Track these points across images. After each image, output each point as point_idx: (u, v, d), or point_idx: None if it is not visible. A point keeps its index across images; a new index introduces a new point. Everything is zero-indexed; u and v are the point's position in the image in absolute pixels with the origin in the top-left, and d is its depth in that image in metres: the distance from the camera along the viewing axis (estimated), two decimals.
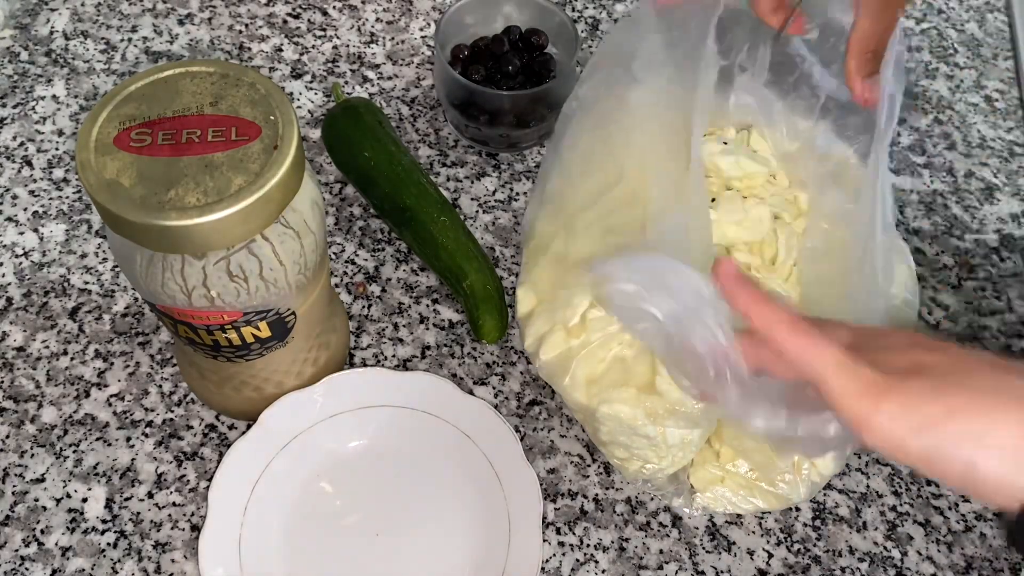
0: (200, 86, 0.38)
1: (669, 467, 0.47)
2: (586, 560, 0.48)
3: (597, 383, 0.46)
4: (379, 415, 0.50)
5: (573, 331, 0.47)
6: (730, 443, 0.47)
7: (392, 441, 0.50)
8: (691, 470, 0.49)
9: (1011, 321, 0.59)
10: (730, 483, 0.48)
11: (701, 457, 0.48)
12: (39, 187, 0.59)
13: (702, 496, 0.48)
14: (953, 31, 0.76)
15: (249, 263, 0.38)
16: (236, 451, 0.47)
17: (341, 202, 0.60)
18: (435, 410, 0.50)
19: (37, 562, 0.46)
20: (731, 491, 0.48)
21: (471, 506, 0.49)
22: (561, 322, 0.48)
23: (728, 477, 0.48)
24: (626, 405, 0.45)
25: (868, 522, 0.51)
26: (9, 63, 0.65)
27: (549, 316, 0.49)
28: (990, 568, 0.50)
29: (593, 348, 0.47)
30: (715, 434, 0.48)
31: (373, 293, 0.57)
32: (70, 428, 0.50)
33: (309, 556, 0.47)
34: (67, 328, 0.54)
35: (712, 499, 0.48)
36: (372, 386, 0.50)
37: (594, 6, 0.73)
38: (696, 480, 0.48)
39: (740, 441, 0.46)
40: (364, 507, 0.49)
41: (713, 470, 0.48)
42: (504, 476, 0.48)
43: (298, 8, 0.70)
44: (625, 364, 0.46)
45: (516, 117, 0.60)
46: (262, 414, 0.48)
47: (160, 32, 0.68)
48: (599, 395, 0.46)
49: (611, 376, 0.46)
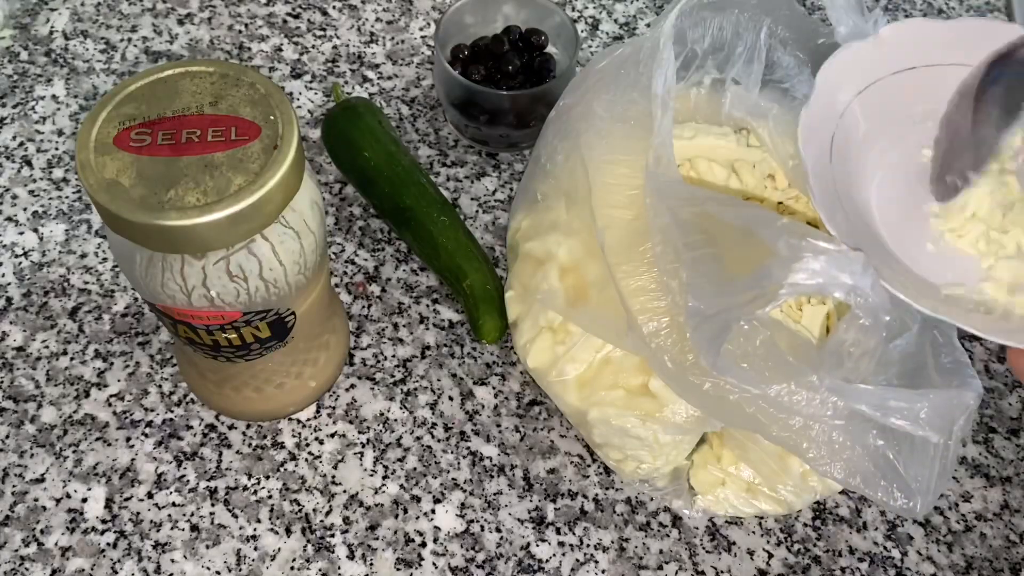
0: (200, 86, 0.38)
1: (664, 465, 0.47)
2: (586, 560, 0.48)
3: (588, 386, 0.46)
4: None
5: (559, 333, 0.47)
6: (733, 448, 0.47)
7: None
8: (692, 472, 0.49)
9: None
10: (732, 486, 0.48)
11: (702, 459, 0.48)
12: (39, 187, 0.59)
13: (703, 498, 0.48)
14: None
15: (249, 263, 0.38)
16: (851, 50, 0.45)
17: (341, 202, 0.60)
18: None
19: (37, 562, 0.46)
20: (733, 494, 0.48)
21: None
22: (546, 326, 0.48)
23: (730, 480, 0.48)
24: (615, 408, 0.45)
25: (868, 522, 0.51)
26: (9, 63, 0.65)
27: (533, 321, 0.49)
28: (990, 568, 0.50)
29: (576, 350, 0.46)
30: (717, 437, 0.48)
31: (373, 293, 0.57)
32: (70, 428, 0.50)
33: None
34: (67, 328, 0.54)
35: (714, 501, 0.48)
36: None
37: (594, 6, 0.73)
38: (697, 482, 0.48)
39: (744, 449, 0.46)
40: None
41: (715, 472, 0.48)
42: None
43: (298, 8, 0.70)
44: (614, 366, 0.46)
45: (516, 117, 0.60)
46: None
47: (160, 32, 0.68)
48: (589, 398, 0.46)
49: (601, 379, 0.46)
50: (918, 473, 0.40)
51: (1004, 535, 0.51)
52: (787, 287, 0.35)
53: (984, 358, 0.58)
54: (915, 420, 0.37)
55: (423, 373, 0.54)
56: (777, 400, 0.39)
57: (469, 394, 0.53)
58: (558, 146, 0.49)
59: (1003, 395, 0.56)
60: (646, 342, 0.41)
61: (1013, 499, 0.53)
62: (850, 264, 0.35)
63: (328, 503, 0.49)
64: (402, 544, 0.48)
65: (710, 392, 0.40)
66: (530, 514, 0.50)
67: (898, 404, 0.37)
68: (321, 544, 0.48)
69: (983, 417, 0.55)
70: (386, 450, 0.51)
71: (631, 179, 0.44)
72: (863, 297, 0.35)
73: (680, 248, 0.39)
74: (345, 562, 0.48)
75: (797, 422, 0.40)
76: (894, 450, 0.40)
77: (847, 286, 0.35)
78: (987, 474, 0.53)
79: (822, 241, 0.35)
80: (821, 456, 0.40)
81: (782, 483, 0.46)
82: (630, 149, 0.44)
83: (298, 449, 0.51)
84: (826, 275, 0.35)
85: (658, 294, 0.41)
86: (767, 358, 0.39)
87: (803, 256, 0.35)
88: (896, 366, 0.40)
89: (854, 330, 0.37)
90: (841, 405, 0.38)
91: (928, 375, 0.42)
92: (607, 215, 0.44)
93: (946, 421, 0.37)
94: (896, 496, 0.40)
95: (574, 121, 0.48)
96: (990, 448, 0.54)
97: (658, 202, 0.40)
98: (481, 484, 0.50)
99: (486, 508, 0.50)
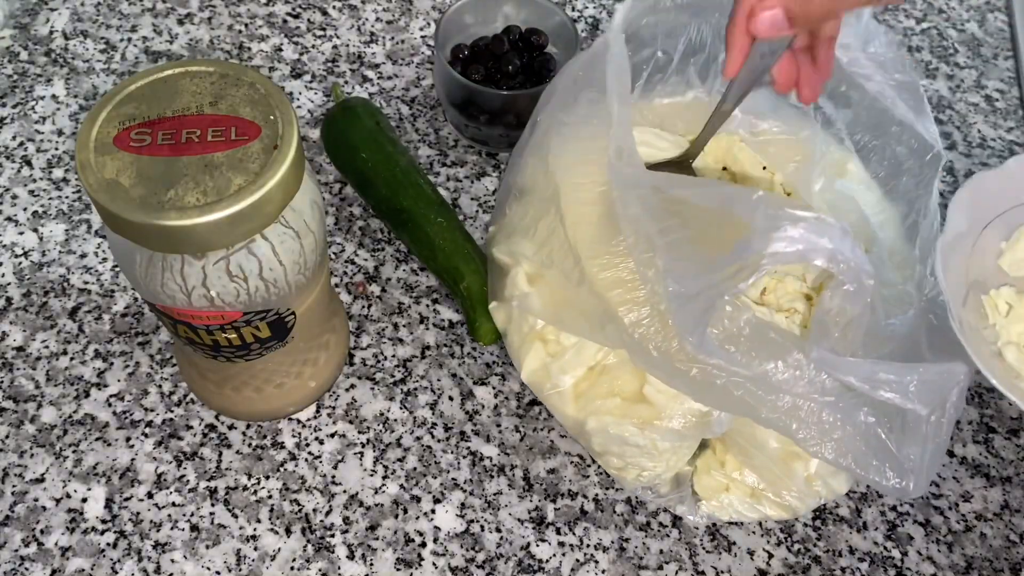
0: (200, 86, 0.38)
1: (666, 472, 0.47)
2: (586, 560, 0.48)
3: (584, 396, 0.46)
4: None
5: (550, 343, 0.47)
6: (736, 454, 0.47)
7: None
8: (695, 477, 0.48)
9: None
10: (736, 491, 0.48)
11: (705, 464, 0.48)
12: (39, 187, 0.59)
13: (707, 504, 0.48)
14: (953, 31, 0.76)
15: (249, 263, 0.38)
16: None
17: (341, 202, 0.60)
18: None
19: (37, 562, 0.46)
20: (737, 499, 0.47)
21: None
22: (529, 331, 0.48)
23: (734, 485, 0.47)
24: (612, 416, 0.45)
25: (868, 522, 0.51)
26: (9, 63, 0.65)
27: (517, 328, 0.48)
28: (990, 568, 0.50)
29: (569, 360, 0.46)
30: (720, 442, 0.48)
31: (373, 293, 0.57)
32: (70, 428, 0.50)
33: None
34: (67, 328, 0.53)
35: (718, 507, 0.48)
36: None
37: (594, 6, 0.73)
38: (701, 488, 0.48)
39: (748, 454, 0.46)
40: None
41: (718, 477, 0.48)
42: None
43: (298, 8, 0.70)
44: (610, 374, 0.46)
45: (516, 117, 0.60)
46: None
47: (160, 32, 0.68)
48: (586, 408, 0.46)
49: (597, 388, 0.46)
50: (911, 452, 0.40)
51: (1004, 535, 0.51)
52: (768, 256, 0.35)
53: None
54: (904, 393, 0.37)
55: (423, 373, 0.54)
56: (764, 380, 0.38)
57: (469, 394, 0.53)
58: (528, 159, 0.49)
59: (1003, 395, 0.56)
60: (628, 332, 0.41)
61: (1013, 499, 0.53)
62: (829, 229, 0.35)
63: (328, 503, 0.49)
64: (402, 544, 0.48)
65: (697, 378, 0.40)
66: (530, 514, 0.50)
67: (887, 377, 0.36)
68: (321, 544, 0.48)
69: (983, 417, 0.55)
70: (386, 450, 0.51)
71: (598, 176, 0.44)
72: (844, 262, 0.35)
73: (654, 235, 0.39)
74: (345, 562, 0.48)
75: (786, 402, 0.39)
76: (886, 429, 0.40)
77: (828, 251, 0.35)
78: (987, 474, 0.53)
79: (799, 210, 0.35)
80: (811, 436, 0.40)
81: (787, 488, 0.46)
82: (595, 148, 0.44)
83: (298, 449, 0.51)
84: (806, 241, 0.35)
85: (636, 284, 0.41)
86: (753, 338, 0.38)
87: (781, 224, 0.35)
88: (889, 345, 0.40)
89: (839, 297, 0.36)
90: (830, 382, 0.38)
91: (922, 355, 0.42)
92: (576, 212, 0.44)
93: (936, 395, 0.37)
94: (889, 476, 0.40)
95: (540, 135, 0.48)
96: (990, 448, 0.54)
97: (626, 193, 0.40)
98: (481, 484, 0.50)
99: (486, 508, 0.50)
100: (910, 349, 0.41)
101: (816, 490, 0.46)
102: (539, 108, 0.50)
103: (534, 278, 0.47)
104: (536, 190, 0.48)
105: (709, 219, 0.38)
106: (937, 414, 0.40)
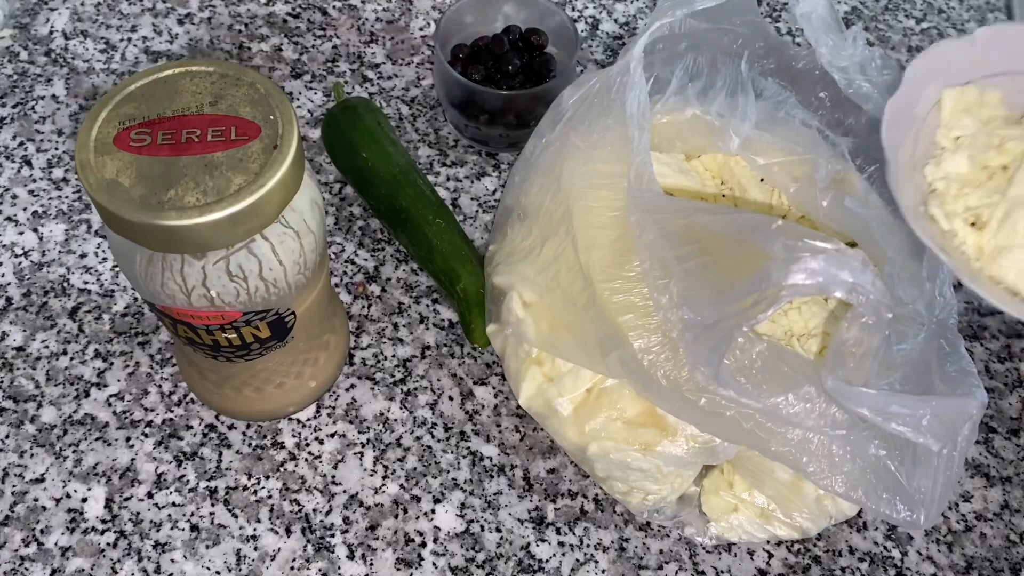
0: (200, 86, 0.38)
1: (671, 494, 0.47)
2: (586, 560, 0.48)
3: (584, 421, 0.46)
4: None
5: (545, 366, 0.47)
6: (745, 476, 0.46)
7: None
8: (703, 498, 0.48)
9: (1011, 320, 0.59)
10: (745, 512, 0.47)
11: (713, 485, 0.48)
12: (39, 187, 0.59)
13: (716, 525, 0.48)
14: (953, 31, 0.76)
15: (249, 263, 0.38)
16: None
17: (341, 202, 0.60)
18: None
19: (37, 562, 0.46)
20: (747, 520, 0.47)
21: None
22: (526, 357, 0.47)
23: (743, 506, 0.47)
24: (614, 441, 0.45)
25: (868, 522, 0.51)
26: (9, 63, 0.65)
27: (514, 351, 0.48)
28: (990, 568, 0.50)
29: (566, 383, 0.46)
30: (728, 462, 0.47)
31: (373, 293, 0.57)
32: (70, 428, 0.50)
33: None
34: (67, 328, 0.53)
35: (727, 528, 0.47)
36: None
37: (594, 6, 0.73)
38: (709, 508, 0.48)
39: (757, 477, 0.45)
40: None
41: (727, 498, 0.47)
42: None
43: (298, 8, 0.70)
44: (609, 398, 0.45)
45: (516, 117, 0.60)
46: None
47: (160, 32, 0.68)
48: (587, 433, 0.45)
49: (597, 412, 0.46)
50: (921, 484, 0.40)
51: (1004, 535, 0.51)
52: (788, 288, 0.34)
53: (984, 358, 0.58)
54: (917, 427, 0.36)
55: (423, 373, 0.54)
56: (775, 412, 0.38)
57: (469, 394, 0.53)
58: (534, 180, 0.49)
59: (1003, 395, 0.56)
60: (638, 359, 0.41)
61: (1013, 499, 0.53)
62: (849, 261, 0.34)
63: (328, 503, 0.49)
64: (402, 544, 0.48)
65: (706, 408, 0.40)
66: (530, 514, 0.50)
67: (900, 410, 0.36)
68: (321, 544, 0.48)
69: (983, 417, 0.55)
70: (386, 450, 0.51)
71: (613, 201, 0.44)
72: (864, 294, 0.35)
73: (670, 262, 0.39)
74: (345, 562, 0.48)
75: (796, 435, 0.39)
76: (896, 461, 0.40)
77: (848, 284, 0.34)
78: (987, 474, 0.53)
79: (820, 241, 0.35)
80: (821, 470, 0.40)
81: (797, 509, 0.45)
82: (609, 173, 0.44)
83: (298, 449, 0.51)
84: (826, 274, 0.34)
85: (649, 311, 0.41)
86: (764, 370, 0.38)
87: (801, 256, 0.34)
88: (900, 371, 0.40)
89: (856, 328, 0.36)
90: (840, 415, 0.38)
91: (932, 383, 0.41)
92: (590, 236, 0.44)
93: (948, 429, 0.37)
94: (899, 509, 0.40)
95: (550, 157, 0.48)
96: (990, 448, 0.54)
97: (644, 218, 0.40)
98: (481, 484, 0.50)
99: (486, 508, 0.50)
100: (921, 374, 0.41)
101: (827, 510, 0.45)
102: (544, 126, 0.50)
103: (530, 303, 0.47)
104: (543, 211, 0.47)
105: (727, 246, 0.38)
106: (949, 447, 0.40)
